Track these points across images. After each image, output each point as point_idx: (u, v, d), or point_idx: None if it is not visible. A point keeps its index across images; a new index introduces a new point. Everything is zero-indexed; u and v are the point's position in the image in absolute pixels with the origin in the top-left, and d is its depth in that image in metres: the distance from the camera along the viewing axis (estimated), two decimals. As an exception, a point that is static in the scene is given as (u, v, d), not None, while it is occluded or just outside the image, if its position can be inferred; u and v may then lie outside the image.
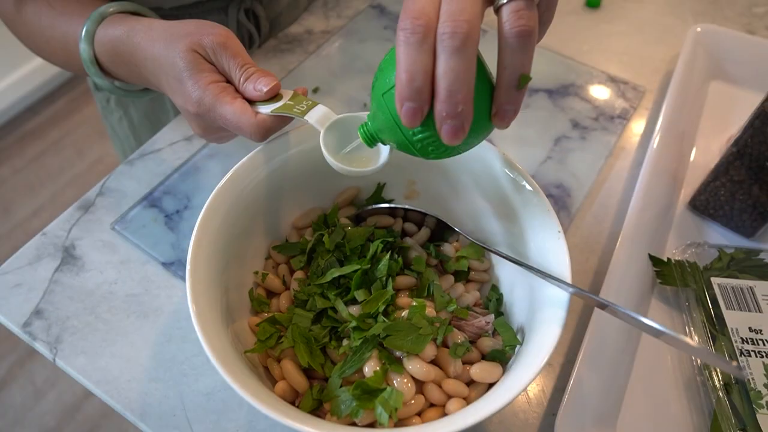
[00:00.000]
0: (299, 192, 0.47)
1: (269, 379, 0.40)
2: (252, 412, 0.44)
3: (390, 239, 0.43)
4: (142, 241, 0.52)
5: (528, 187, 0.41)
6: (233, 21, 0.64)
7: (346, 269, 0.40)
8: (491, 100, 0.32)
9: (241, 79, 0.40)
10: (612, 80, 0.66)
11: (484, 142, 0.42)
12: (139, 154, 0.59)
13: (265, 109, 0.40)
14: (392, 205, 0.46)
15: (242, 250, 0.43)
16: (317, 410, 0.37)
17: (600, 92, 0.65)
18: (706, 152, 0.60)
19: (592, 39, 0.72)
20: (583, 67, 0.68)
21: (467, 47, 0.28)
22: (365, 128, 0.36)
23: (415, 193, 0.49)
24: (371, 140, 0.36)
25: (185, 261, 0.50)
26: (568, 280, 0.36)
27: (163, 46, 0.41)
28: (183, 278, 0.50)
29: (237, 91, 0.41)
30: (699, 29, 0.65)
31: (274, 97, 0.40)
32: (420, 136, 0.32)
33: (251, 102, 0.41)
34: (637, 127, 0.62)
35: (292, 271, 0.45)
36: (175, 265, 0.51)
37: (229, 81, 0.42)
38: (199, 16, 0.62)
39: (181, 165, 0.58)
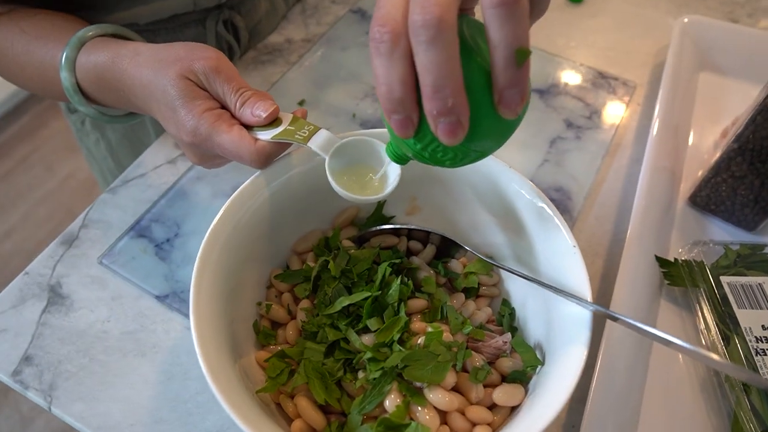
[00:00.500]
0: (297, 215, 0.45)
1: (282, 416, 0.38)
2: (264, 449, 0.42)
3: (397, 261, 0.42)
4: (132, 275, 0.50)
5: (535, 199, 0.40)
6: (212, 33, 0.61)
7: (356, 297, 0.39)
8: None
9: (237, 104, 0.38)
10: (602, 76, 0.66)
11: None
12: (121, 181, 0.56)
13: (264, 135, 0.38)
14: (395, 226, 0.44)
15: (243, 279, 0.41)
16: (337, 448, 0.36)
17: (591, 90, 0.65)
18: (701, 145, 0.60)
19: (577, 35, 0.71)
20: (571, 65, 0.67)
21: (443, 33, 0.25)
22: (391, 148, 0.34)
23: (416, 208, 0.47)
24: (400, 159, 0.34)
25: (180, 293, 0.49)
26: (588, 297, 0.35)
27: (152, 72, 0.39)
28: (179, 311, 0.48)
29: (233, 116, 0.39)
30: (686, 20, 0.64)
31: (273, 121, 0.38)
32: (421, 144, 0.30)
33: (248, 127, 0.39)
34: (631, 123, 0.62)
35: (296, 299, 0.43)
36: (169, 298, 0.49)
37: (224, 106, 0.40)
38: (176, 30, 0.59)
39: (167, 190, 0.55)
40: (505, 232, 0.43)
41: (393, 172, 0.38)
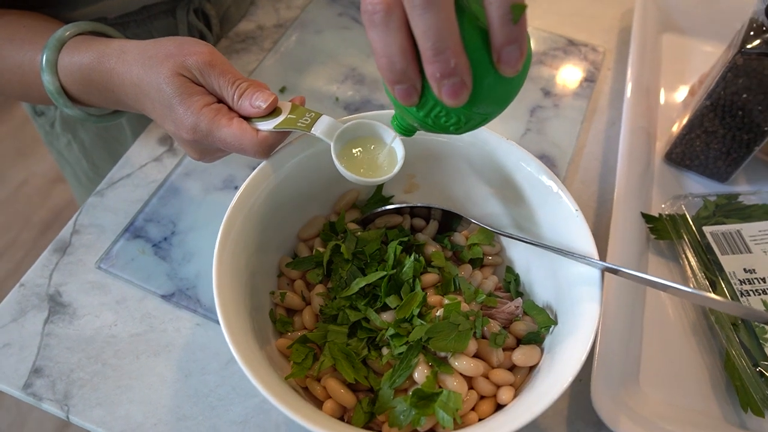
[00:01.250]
0: (299, 203, 0.45)
1: (310, 399, 0.39)
2: (290, 431, 0.43)
3: (405, 239, 0.43)
4: (134, 276, 0.49)
5: (535, 169, 0.41)
6: (183, 23, 0.60)
7: (372, 277, 0.40)
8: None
9: (235, 96, 0.38)
10: (572, 44, 0.68)
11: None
12: (107, 183, 0.55)
13: (265, 125, 0.38)
14: (398, 205, 0.45)
15: (256, 270, 0.42)
16: (370, 422, 0.37)
17: (563, 57, 0.67)
18: (671, 104, 0.62)
19: (542, 2, 0.73)
20: (542, 34, 0.69)
21: None
22: (396, 120, 0.35)
23: (415, 186, 0.48)
24: (405, 131, 0.35)
25: (185, 290, 0.49)
26: (595, 257, 0.37)
27: (143, 70, 0.38)
28: (187, 308, 0.48)
29: (231, 109, 0.39)
30: (647, -16, 0.67)
31: (272, 111, 0.38)
32: (424, 111, 0.30)
33: (248, 119, 0.39)
34: (604, 87, 0.64)
35: (308, 285, 0.44)
36: (175, 296, 0.48)
37: (220, 100, 0.39)
38: (145, 22, 0.58)
39: (157, 188, 0.54)
40: (504, 203, 0.45)
41: (398, 150, 0.38)
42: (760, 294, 0.46)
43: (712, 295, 0.33)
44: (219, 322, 0.46)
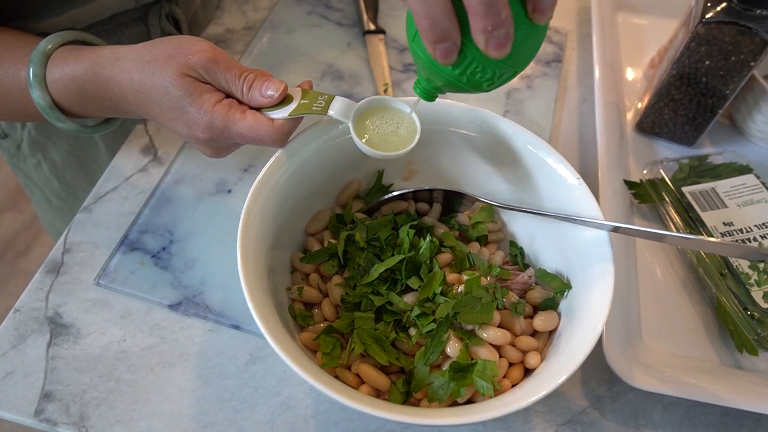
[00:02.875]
0: (304, 198, 0.45)
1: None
2: (320, 424, 0.43)
3: (415, 222, 0.44)
4: (136, 290, 0.48)
5: (533, 144, 0.43)
6: (156, 29, 0.59)
7: (390, 262, 0.41)
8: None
9: (244, 89, 0.38)
10: (536, 28, 0.71)
11: (472, 108, 0.44)
12: (94, 198, 0.53)
13: (278, 114, 0.38)
14: (403, 191, 0.46)
15: (272, 267, 0.42)
16: (406, 402, 0.38)
17: (529, 41, 0.69)
18: (634, 78, 0.66)
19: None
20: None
21: None
22: (420, 85, 0.36)
23: (413, 172, 0.49)
24: (429, 95, 0.36)
25: (192, 297, 0.48)
26: (602, 219, 0.39)
27: (144, 75, 0.38)
28: (196, 316, 0.47)
29: (241, 103, 0.39)
30: (599, -33, 0.70)
31: (283, 99, 0.38)
32: (460, 69, 0.32)
33: (259, 109, 0.39)
34: (571, 67, 0.67)
35: (323, 278, 0.44)
36: (183, 305, 0.48)
37: (229, 95, 0.39)
38: (116, 30, 0.56)
39: (148, 199, 0.53)
40: (504, 179, 0.46)
41: (415, 120, 0.39)
42: (740, 243, 0.49)
43: (712, 239, 0.36)
44: (232, 325, 0.47)
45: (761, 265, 0.48)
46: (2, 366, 0.44)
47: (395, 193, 0.46)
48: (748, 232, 0.50)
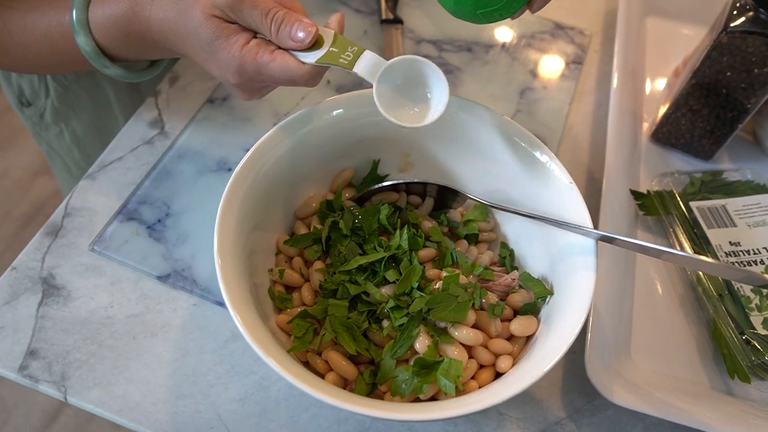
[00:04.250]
0: (295, 181, 0.45)
1: (311, 373, 0.39)
2: (291, 407, 0.43)
3: (396, 212, 0.44)
4: (128, 258, 0.49)
5: (529, 143, 0.42)
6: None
7: (372, 257, 0.40)
8: None
9: (273, 29, 0.37)
10: (560, 27, 0.69)
11: (473, 103, 0.43)
12: (98, 166, 0.55)
13: (306, 58, 0.37)
14: (395, 182, 0.46)
15: (255, 248, 0.42)
16: (371, 394, 0.38)
17: (551, 41, 0.67)
18: (656, 86, 0.64)
19: (531, -12, 0.73)
20: (529, 18, 0.70)
21: None
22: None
23: (410, 164, 0.49)
24: (457, 8, 0.37)
25: (181, 271, 0.49)
26: (590, 226, 0.38)
27: (176, 14, 0.38)
28: (183, 289, 0.48)
29: (270, 42, 0.38)
30: (632, -32, 0.68)
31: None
32: None
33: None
34: (591, 70, 0.65)
35: (306, 262, 0.44)
36: (171, 277, 0.48)
37: (257, 34, 0.38)
38: None
39: (150, 171, 0.54)
40: (499, 178, 0.45)
41: (440, 92, 0.38)
42: (744, 265, 0.47)
43: (708, 259, 0.34)
44: (216, 301, 0.47)
45: (765, 290, 0.46)
46: (-6, 320, 0.46)
47: (386, 183, 0.46)
48: (755, 254, 0.48)
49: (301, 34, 0.37)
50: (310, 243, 0.44)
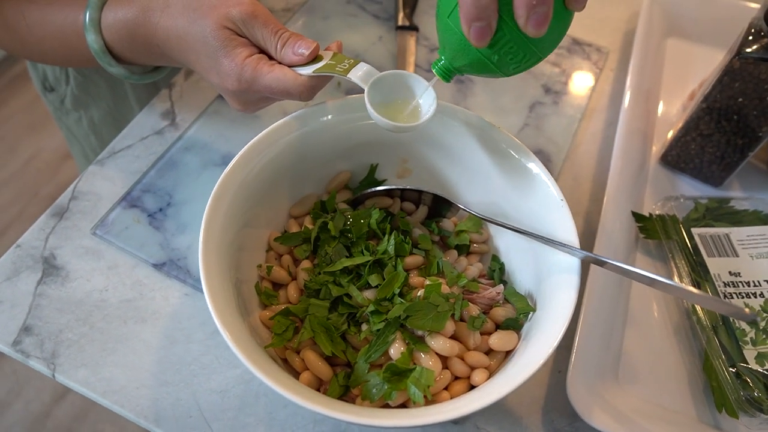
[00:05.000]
0: (292, 181, 0.46)
1: (288, 370, 0.40)
2: (270, 403, 0.44)
3: (386, 214, 0.44)
4: (127, 244, 0.50)
5: (524, 157, 0.42)
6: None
7: (358, 260, 0.40)
8: None
9: (278, 45, 0.39)
10: (577, 43, 0.68)
11: (473, 115, 0.43)
12: (108, 153, 0.56)
13: (304, 71, 0.39)
14: (389, 187, 0.46)
15: (244, 243, 0.43)
16: (344, 396, 0.38)
17: (567, 56, 0.67)
18: (670, 109, 0.63)
19: (552, 3, 0.73)
20: (547, 32, 0.69)
21: None
22: (439, 64, 0.36)
23: (407, 171, 0.49)
24: (448, 74, 0.36)
25: (177, 260, 0.50)
26: (577, 245, 0.37)
27: (188, 23, 0.39)
28: (177, 278, 0.49)
29: (271, 58, 0.40)
30: (655, -13, 0.67)
31: (314, 59, 0.39)
32: (493, 50, 0.33)
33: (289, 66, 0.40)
34: (605, 87, 0.65)
35: (295, 261, 0.45)
36: (167, 266, 0.49)
37: (262, 51, 0.40)
38: None
39: (156, 161, 0.55)
40: (494, 191, 0.45)
41: (428, 102, 0.39)
42: (743, 297, 0.46)
43: (693, 289, 0.34)
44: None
45: (762, 323, 0.44)
46: (-6, 295, 0.47)
47: (381, 188, 0.46)
48: (755, 286, 0.46)
49: (302, 49, 0.39)
50: (300, 242, 0.44)
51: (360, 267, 0.41)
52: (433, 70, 0.37)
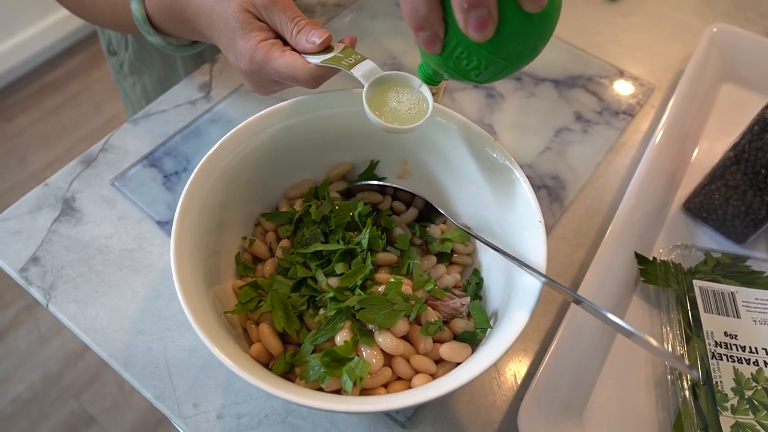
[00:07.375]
0: (294, 163, 0.47)
1: (246, 340, 0.41)
2: (231, 371, 0.45)
3: (371, 210, 0.44)
4: (139, 199, 0.54)
5: (515, 175, 0.41)
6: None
7: (330, 247, 0.41)
8: None
9: (294, 31, 0.41)
10: (621, 75, 0.66)
11: (476, 128, 0.43)
12: (144, 114, 0.60)
13: (314, 60, 0.40)
14: (382, 183, 0.46)
15: (234, 216, 0.44)
16: (289, 373, 0.38)
17: (608, 86, 0.65)
18: (709, 155, 0.59)
19: (606, 31, 0.71)
20: (593, 60, 0.67)
21: None
22: (422, 68, 0.37)
23: (407, 172, 0.49)
24: (428, 78, 0.37)
25: (179, 221, 0.52)
26: (543, 269, 0.36)
27: (214, 2, 0.42)
28: (176, 238, 0.51)
29: (286, 44, 0.42)
30: (715, 29, 0.63)
31: (325, 48, 0.41)
32: (445, 53, 0.32)
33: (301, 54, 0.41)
34: (642, 124, 0.62)
35: (278, 239, 0.46)
36: (169, 225, 0.52)
37: (279, 36, 0.42)
38: None
39: (183, 128, 0.59)
40: (484, 204, 0.45)
41: (424, 107, 0.39)
42: (733, 361, 0.43)
43: (646, 337, 0.32)
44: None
45: (748, 392, 0.41)
46: (15, 224, 0.52)
47: (374, 182, 0.46)
48: (751, 352, 0.43)
49: (314, 38, 0.40)
50: (285, 221, 0.45)
51: (332, 254, 0.42)
52: (418, 75, 0.37)
